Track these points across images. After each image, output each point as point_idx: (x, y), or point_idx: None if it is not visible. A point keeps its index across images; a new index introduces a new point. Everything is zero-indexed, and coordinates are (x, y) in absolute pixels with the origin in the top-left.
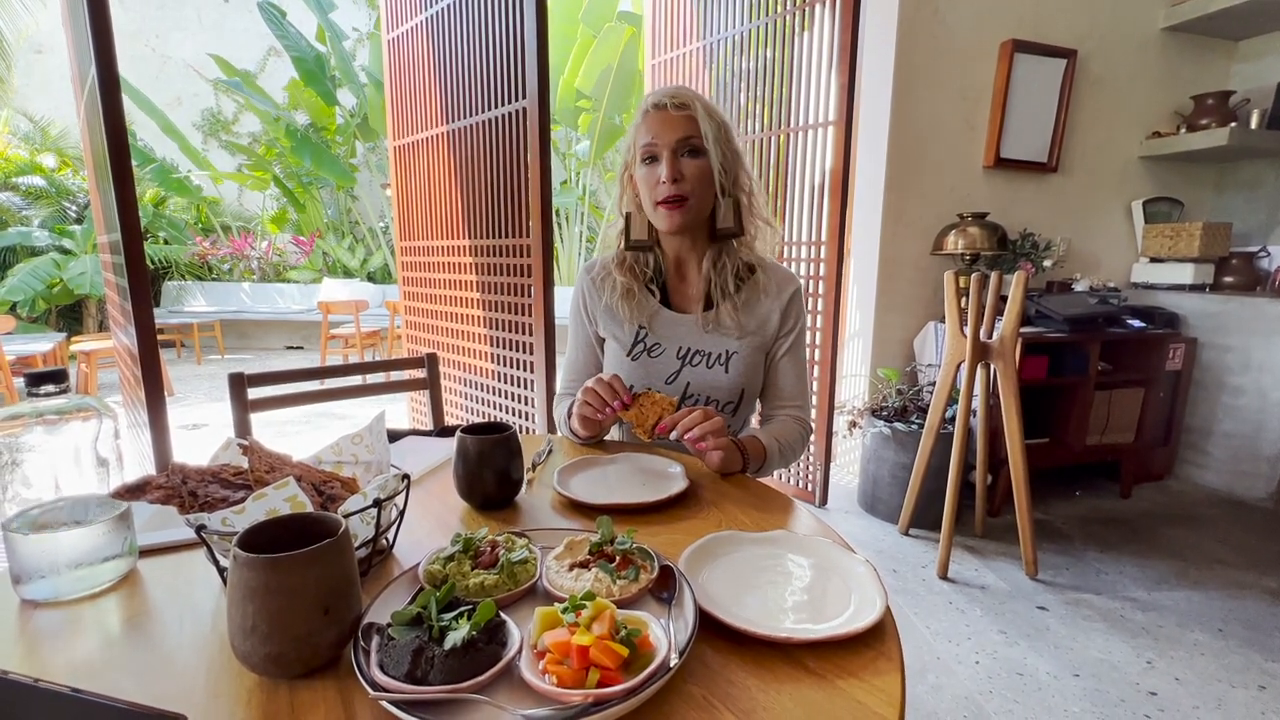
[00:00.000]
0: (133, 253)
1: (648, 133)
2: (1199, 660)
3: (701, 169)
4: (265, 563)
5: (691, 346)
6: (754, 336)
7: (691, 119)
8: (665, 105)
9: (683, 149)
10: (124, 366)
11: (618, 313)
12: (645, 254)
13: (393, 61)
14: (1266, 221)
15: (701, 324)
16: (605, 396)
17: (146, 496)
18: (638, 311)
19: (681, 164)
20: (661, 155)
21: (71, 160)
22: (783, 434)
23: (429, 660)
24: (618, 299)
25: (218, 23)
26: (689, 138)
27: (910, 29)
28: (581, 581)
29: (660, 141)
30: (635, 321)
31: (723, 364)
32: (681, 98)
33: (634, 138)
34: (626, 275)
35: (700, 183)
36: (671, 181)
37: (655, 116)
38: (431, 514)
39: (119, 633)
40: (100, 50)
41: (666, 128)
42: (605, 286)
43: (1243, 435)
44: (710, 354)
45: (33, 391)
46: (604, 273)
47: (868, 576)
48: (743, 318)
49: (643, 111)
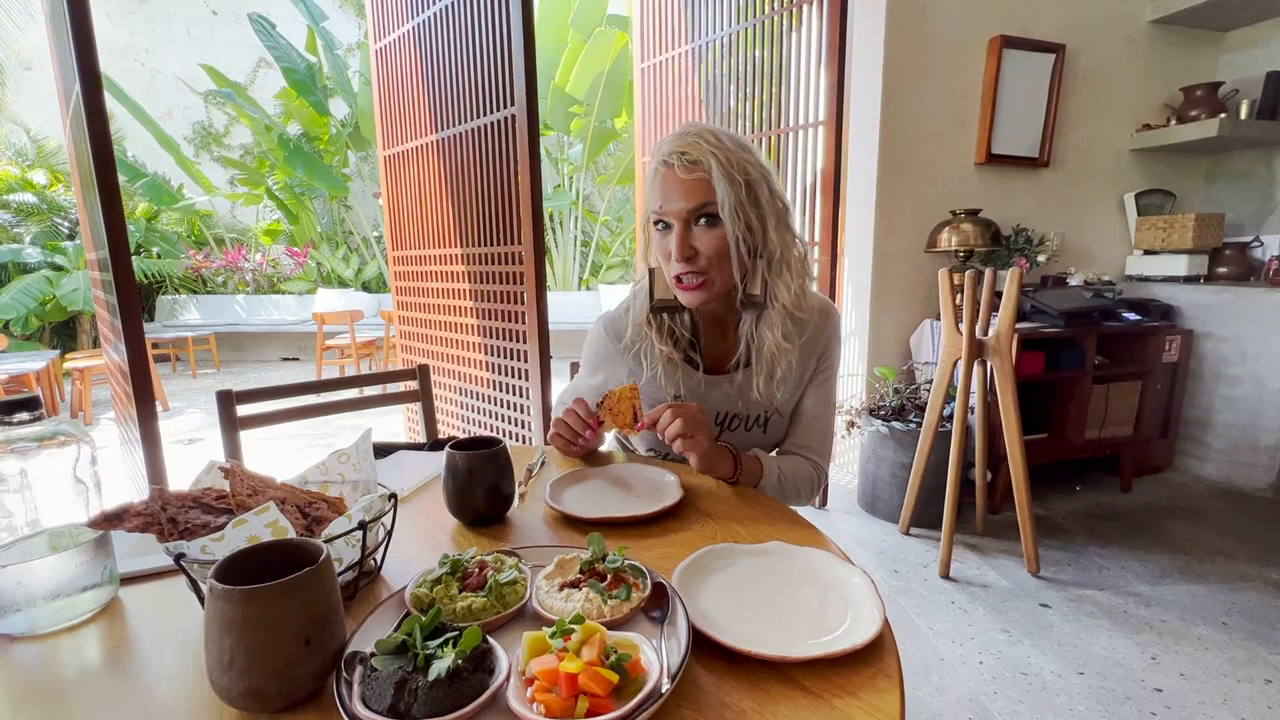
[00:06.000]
0: (121, 269)
1: (658, 195)
2: (1204, 655)
3: (719, 238)
4: (242, 594)
5: (730, 411)
6: (787, 393)
7: (704, 183)
8: (673, 165)
9: (695, 218)
10: (115, 383)
11: (659, 383)
12: (677, 315)
13: (381, 71)
14: (1259, 211)
15: (738, 389)
16: (576, 428)
17: (125, 525)
18: (680, 384)
19: (695, 235)
20: (673, 226)
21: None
22: (790, 467)
23: (412, 692)
24: (660, 370)
25: (207, 36)
26: (702, 205)
27: (898, 27)
28: (572, 602)
29: (669, 210)
30: (675, 390)
31: (761, 425)
32: (694, 154)
33: (648, 193)
34: (667, 343)
35: (719, 256)
36: (683, 259)
37: (665, 177)
38: (422, 532)
39: (97, 666)
40: (84, 67)
41: (676, 194)
42: (641, 359)
43: (1241, 426)
44: (749, 417)
45: (4, 420)
46: (638, 343)
47: (865, 588)
48: (771, 391)
49: (654, 166)
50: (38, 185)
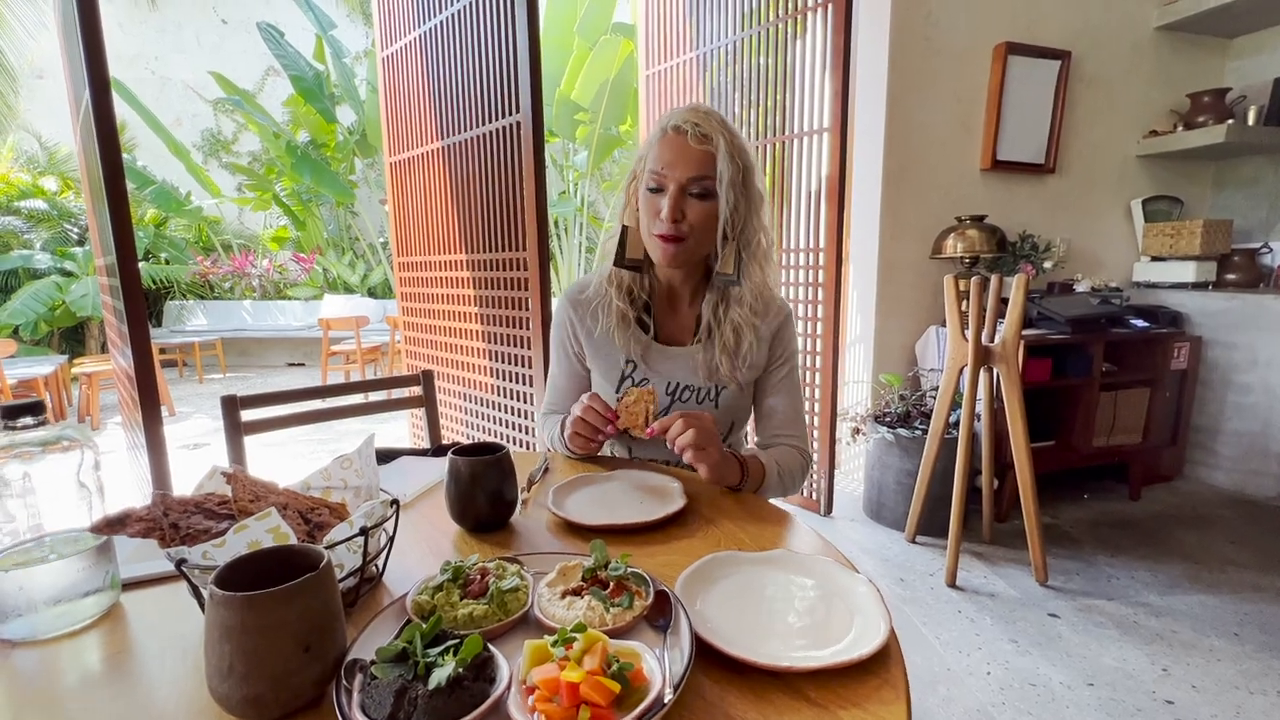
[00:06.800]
0: (128, 276)
1: (660, 158)
2: (1216, 667)
3: (708, 212)
4: (241, 600)
5: (681, 382)
6: (745, 373)
7: (710, 156)
8: (685, 132)
9: (692, 187)
10: (122, 388)
11: (611, 342)
12: (640, 276)
13: (388, 78)
14: (1267, 217)
15: (692, 362)
16: (596, 424)
17: (127, 530)
18: (631, 343)
19: (687, 203)
20: (667, 189)
21: (73, 183)
22: (783, 460)
23: (412, 701)
24: (613, 325)
25: (217, 45)
26: (702, 177)
27: (903, 34)
28: (574, 610)
29: (670, 174)
30: (625, 353)
31: (712, 400)
32: (705, 127)
33: (646, 153)
34: (624, 299)
35: (703, 226)
36: (671, 220)
37: (673, 142)
38: (424, 538)
39: (97, 672)
40: (94, 74)
41: (680, 160)
42: (599, 314)
43: (1252, 434)
44: (700, 389)
45: (9, 424)
46: (597, 296)
47: (870, 598)
48: (736, 367)
49: (661, 129)
50: (48, 192)
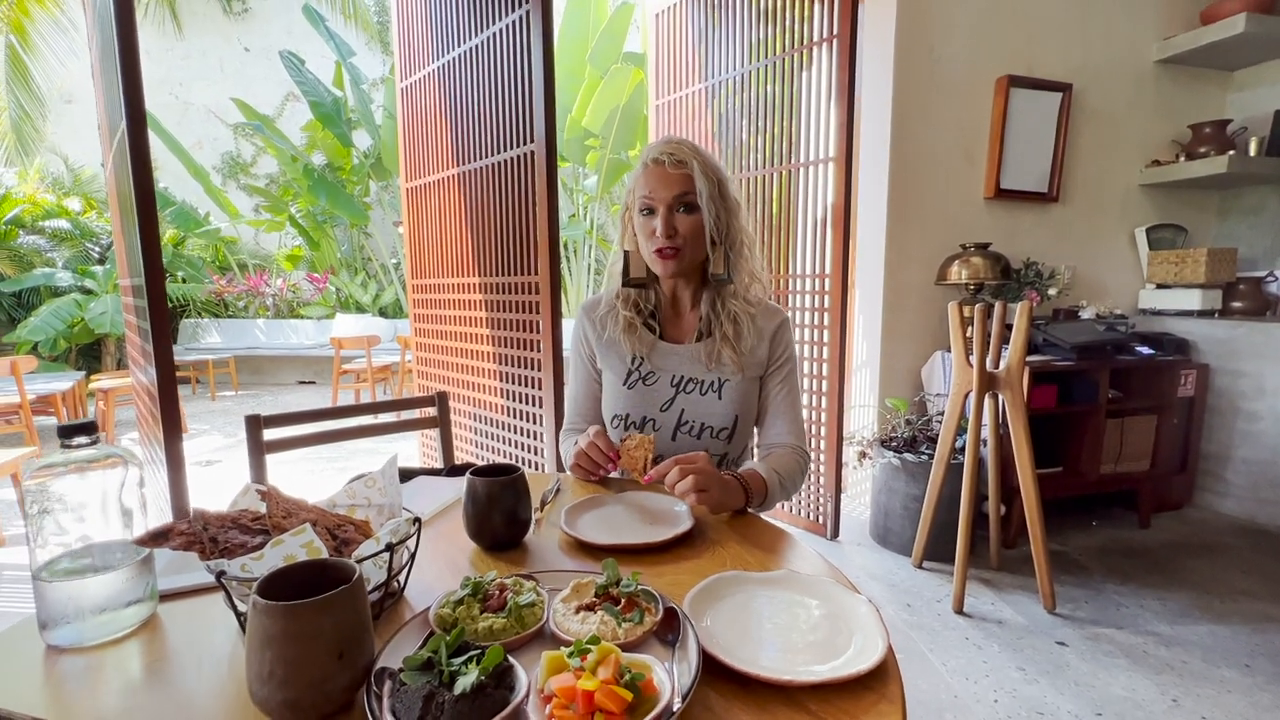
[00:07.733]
0: (155, 296)
1: (646, 186)
2: (1226, 698)
3: (695, 224)
4: (283, 609)
5: (685, 375)
6: (747, 368)
7: (687, 176)
8: (664, 162)
9: (678, 205)
10: (142, 404)
11: (619, 343)
12: (645, 290)
13: (406, 108)
14: (1272, 246)
15: (695, 355)
16: (597, 460)
17: (170, 543)
18: (638, 343)
19: (676, 219)
20: (658, 210)
21: (96, 203)
22: (781, 466)
23: (439, 706)
24: (620, 331)
25: (239, 71)
26: (684, 194)
27: (907, 67)
28: (588, 624)
29: (656, 197)
30: (633, 352)
31: (715, 391)
32: (679, 154)
33: (634, 186)
34: (630, 310)
35: (693, 236)
36: (666, 236)
37: (654, 172)
38: (442, 555)
39: (139, 678)
40: (131, 103)
41: (663, 184)
42: (608, 322)
43: (1261, 462)
44: (704, 381)
45: (65, 443)
46: (607, 309)
47: (870, 617)
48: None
49: (643, 164)
50: (72, 212)
